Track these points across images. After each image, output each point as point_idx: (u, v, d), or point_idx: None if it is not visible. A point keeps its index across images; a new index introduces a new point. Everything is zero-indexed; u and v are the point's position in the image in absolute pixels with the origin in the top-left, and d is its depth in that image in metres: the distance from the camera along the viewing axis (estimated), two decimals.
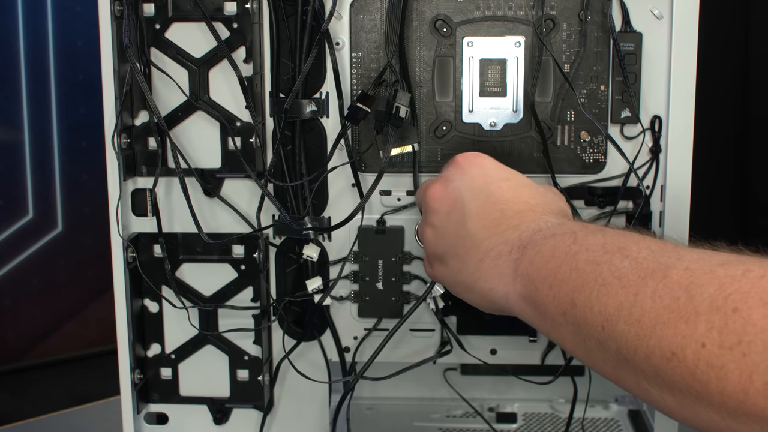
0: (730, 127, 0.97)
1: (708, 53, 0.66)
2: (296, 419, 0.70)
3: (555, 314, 0.47)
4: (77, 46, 1.12)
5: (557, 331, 0.48)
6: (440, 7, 0.63)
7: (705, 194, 0.70)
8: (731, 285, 0.38)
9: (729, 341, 0.37)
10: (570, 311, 0.46)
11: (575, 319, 0.46)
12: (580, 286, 0.46)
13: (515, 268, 0.51)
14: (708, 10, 0.63)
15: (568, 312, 0.46)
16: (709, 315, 0.38)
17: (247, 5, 0.63)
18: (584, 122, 0.64)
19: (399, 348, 0.68)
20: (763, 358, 0.36)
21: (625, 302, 0.42)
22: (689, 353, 0.38)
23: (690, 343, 0.38)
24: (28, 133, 1.10)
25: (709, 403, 0.38)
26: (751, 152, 0.95)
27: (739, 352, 0.37)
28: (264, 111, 0.65)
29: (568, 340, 0.47)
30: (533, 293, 0.49)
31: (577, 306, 0.45)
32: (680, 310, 0.39)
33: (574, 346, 0.47)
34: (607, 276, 0.44)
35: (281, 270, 0.68)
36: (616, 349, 0.43)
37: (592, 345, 0.45)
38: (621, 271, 0.44)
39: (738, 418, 0.37)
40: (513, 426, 0.76)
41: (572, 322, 0.46)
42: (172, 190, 0.66)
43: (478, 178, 0.56)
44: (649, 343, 0.41)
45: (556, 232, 0.50)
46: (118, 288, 0.66)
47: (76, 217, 1.15)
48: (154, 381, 0.70)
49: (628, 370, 0.43)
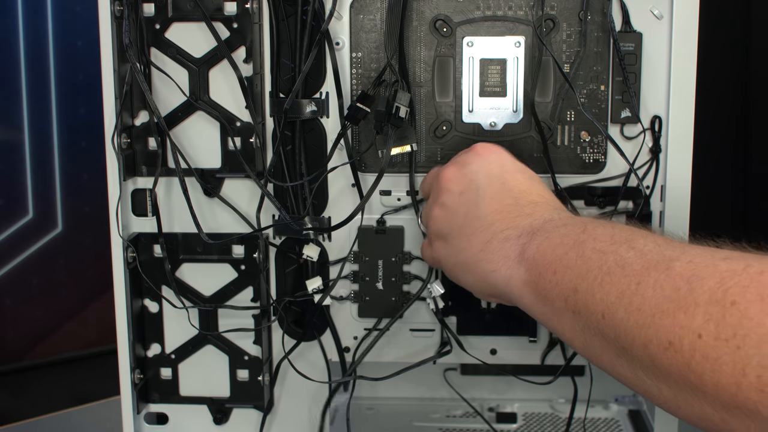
0: (730, 127, 0.97)
1: (708, 53, 0.66)
2: (296, 419, 0.70)
3: (556, 300, 0.48)
4: (77, 46, 1.12)
5: (556, 319, 0.49)
6: (440, 7, 0.63)
7: (705, 194, 0.70)
8: (731, 279, 0.39)
9: (725, 333, 0.37)
10: (572, 297, 0.46)
11: (576, 306, 0.46)
12: (584, 272, 0.46)
13: (521, 252, 0.51)
14: (708, 10, 0.63)
15: (569, 298, 0.47)
16: (708, 307, 0.38)
17: (247, 5, 0.63)
18: (584, 122, 0.64)
19: (399, 348, 0.68)
20: (756, 352, 0.36)
21: (626, 291, 0.43)
22: (686, 343, 0.39)
23: (687, 333, 0.39)
24: (28, 133, 1.10)
25: (703, 394, 0.39)
26: (751, 152, 0.95)
27: (734, 344, 0.37)
28: (264, 111, 0.65)
29: (567, 328, 0.48)
30: (537, 278, 0.49)
31: (579, 292, 0.46)
32: (680, 300, 0.40)
33: (573, 334, 0.47)
34: (611, 265, 0.45)
35: (281, 270, 0.68)
36: (614, 337, 0.43)
37: (592, 333, 0.45)
38: (626, 260, 0.44)
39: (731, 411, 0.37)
40: (513, 426, 0.76)
41: (573, 308, 0.46)
42: (172, 190, 0.66)
43: (495, 165, 0.57)
44: (647, 331, 0.41)
45: (567, 223, 0.51)
46: (118, 288, 0.66)
47: (76, 217, 1.15)
48: (154, 381, 0.70)
49: (626, 359, 0.43)
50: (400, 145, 0.62)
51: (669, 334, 0.40)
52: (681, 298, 0.40)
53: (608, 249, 0.46)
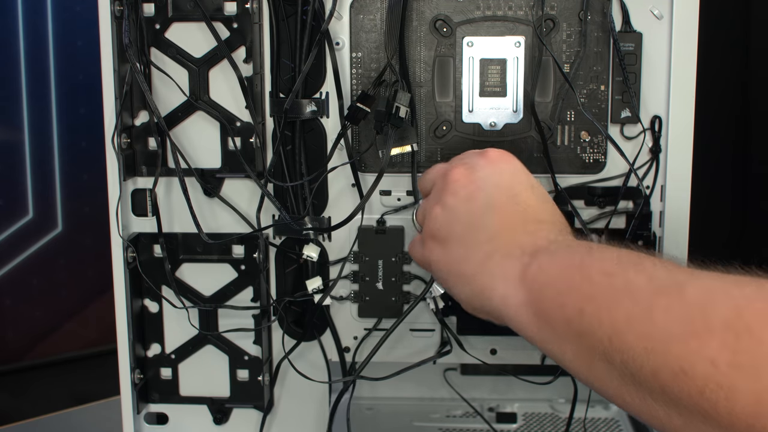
0: (730, 127, 0.97)
1: (708, 53, 0.66)
2: (296, 419, 0.70)
3: (559, 323, 0.46)
4: (77, 46, 1.12)
5: (557, 342, 0.47)
6: (440, 7, 0.63)
7: (705, 194, 0.70)
8: (746, 305, 0.38)
9: (740, 361, 0.36)
10: (576, 320, 0.45)
11: (581, 329, 0.44)
12: (590, 295, 0.44)
13: (523, 272, 0.49)
14: (708, 10, 0.63)
15: (574, 321, 0.45)
16: (723, 334, 0.37)
17: (247, 5, 0.63)
18: (584, 122, 0.64)
19: (399, 348, 0.68)
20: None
21: (636, 316, 0.41)
22: (699, 371, 0.38)
23: (700, 360, 0.38)
24: (28, 133, 1.10)
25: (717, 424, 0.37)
26: (751, 152, 0.95)
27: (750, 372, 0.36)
28: (264, 111, 0.65)
29: (569, 352, 0.46)
30: (538, 299, 0.48)
31: (585, 315, 0.44)
32: (693, 326, 0.39)
33: (575, 357, 0.46)
34: (620, 288, 0.43)
35: (281, 270, 0.68)
36: (621, 363, 0.42)
37: (597, 357, 0.44)
38: (635, 284, 0.43)
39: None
40: (513, 426, 0.76)
41: (577, 331, 0.45)
42: (172, 190, 0.67)
43: (507, 175, 0.54)
44: (658, 358, 0.40)
45: (571, 244, 0.49)
46: (118, 288, 0.66)
47: (76, 217, 1.15)
48: (154, 381, 0.70)
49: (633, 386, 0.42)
50: (401, 145, 0.62)
51: (681, 361, 0.38)
52: (694, 324, 0.39)
53: (616, 271, 0.44)
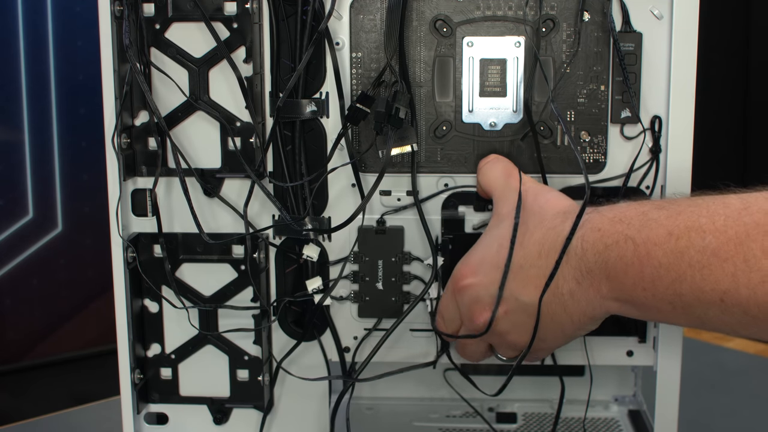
0: (730, 127, 0.97)
1: (708, 53, 0.66)
2: (296, 419, 0.70)
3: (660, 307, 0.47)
4: (77, 46, 1.12)
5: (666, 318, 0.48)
6: (440, 7, 0.63)
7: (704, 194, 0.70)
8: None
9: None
10: (677, 301, 0.46)
11: (685, 304, 0.45)
12: (677, 277, 0.45)
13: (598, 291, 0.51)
14: (708, 10, 0.63)
15: (675, 302, 0.46)
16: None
17: (247, 5, 0.63)
18: (584, 122, 0.64)
19: (399, 348, 0.68)
20: None
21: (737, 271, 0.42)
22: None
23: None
24: (28, 133, 1.10)
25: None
26: (752, 152, 0.95)
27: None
28: (264, 111, 0.65)
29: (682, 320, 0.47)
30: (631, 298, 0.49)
31: (684, 294, 0.45)
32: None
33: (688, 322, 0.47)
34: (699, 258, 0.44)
35: (281, 270, 0.68)
36: (742, 312, 0.43)
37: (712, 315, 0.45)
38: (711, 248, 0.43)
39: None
40: (513, 426, 0.76)
41: (682, 307, 0.46)
42: (172, 190, 0.67)
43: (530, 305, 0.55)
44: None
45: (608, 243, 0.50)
46: (118, 288, 0.66)
47: (76, 217, 1.15)
48: (154, 381, 0.70)
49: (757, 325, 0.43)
50: (401, 146, 0.62)
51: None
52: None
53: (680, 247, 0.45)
